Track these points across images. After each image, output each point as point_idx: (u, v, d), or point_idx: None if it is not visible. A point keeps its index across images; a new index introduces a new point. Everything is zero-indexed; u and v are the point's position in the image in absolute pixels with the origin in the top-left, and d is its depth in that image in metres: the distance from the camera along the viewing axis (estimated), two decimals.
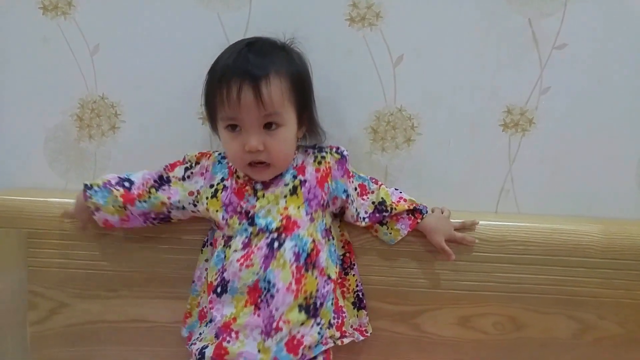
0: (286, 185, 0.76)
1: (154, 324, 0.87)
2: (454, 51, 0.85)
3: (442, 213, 0.83)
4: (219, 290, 0.74)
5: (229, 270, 0.74)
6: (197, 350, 0.75)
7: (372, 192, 0.81)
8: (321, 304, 0.74)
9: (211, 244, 0.82)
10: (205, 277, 0.80)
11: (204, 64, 0.86)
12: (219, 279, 0.75)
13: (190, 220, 0.83)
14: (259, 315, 0.72)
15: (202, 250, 0.84)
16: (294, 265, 0.72)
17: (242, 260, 0.73)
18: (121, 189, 0.79)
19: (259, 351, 0.72)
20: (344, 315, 0.79)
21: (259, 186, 0.76)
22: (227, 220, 0.76)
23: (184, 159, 0.81)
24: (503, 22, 0.84)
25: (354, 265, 0.83)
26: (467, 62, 0.85)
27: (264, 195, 0.76)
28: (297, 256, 0.73)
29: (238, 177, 0.78)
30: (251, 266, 0.73)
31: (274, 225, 0.74)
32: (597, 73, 0.85)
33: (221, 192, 0.77)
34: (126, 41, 0.87)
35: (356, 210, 0.80)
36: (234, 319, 0.73)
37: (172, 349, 0.88)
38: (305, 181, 0.76)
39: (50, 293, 0.87)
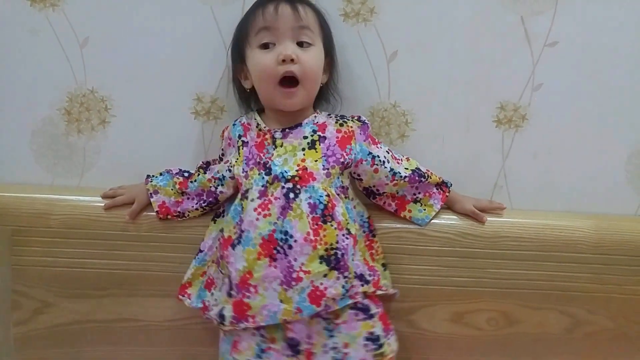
0: (305, 138, 0.77)
1: (144, 323, 0.86)
2: (448, 48, 0.86)
3: None
4: (235, 242, 0.74)
5: (245, 220, 0.74)
6: (215, 315, 0.76)
7: (403, 160, 0.83)
8: (342, 256, 0.73)
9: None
10: (217, 246, 0.79)
11: (197, 57, 0.86)
12: (237, 232, 0.74)
13: (182, 219, 0.83)
14: (275, 267, 0.72)
15: (214, 220, 0.83)
16: (310, 217, 0.72)
17: (259, 209, 0.73)
18: (180, 178, 0.83)
19: (281, 301, 0.72)
20: (378, 273, 0.79)
21: (278, 134, 0.77)
22: (247, 172, 0.76)
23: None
24: (496, 20, 0.85)
25: (376, 232, 0.83)
26: (460, 59, 0.86)
27: (282, 145, 0.77)
28: (313, 208, 0.73)
29: (258, 127, 0.79)
30: (268, 215, 0.73)
31: (290, 174, 0.74)
32: (587, 70, 0.86)
33: (242, 148, 0.78)
34: (117, 34, 0.85)
35: (391, 169, 0.80)
36: (250, 273, 0.72)
37: (163, 349, 0.86)
38: (324, 137, 0.77)
39: (35, 292, 0.84)
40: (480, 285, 0.85)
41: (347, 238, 0.74)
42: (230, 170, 0.79)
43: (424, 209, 0.84)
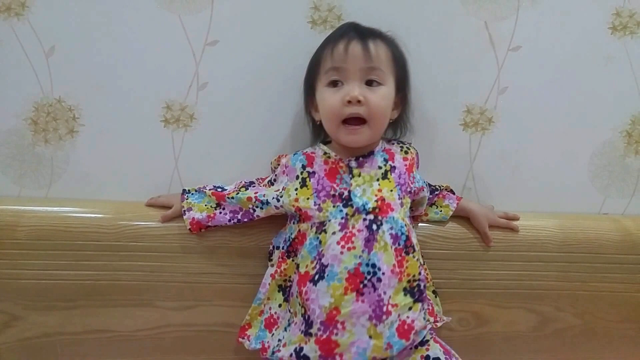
0: (380, 168, 0.77)
1: (115, 333, 0.84)
2: (414, 53, 0.87)
3: None
4: (316, 278, 0.71)
5: (327, 254, 0.71)
6: (289, 355, 0.72)
7: None
8: (424, 287, 0.73)
9: (277, 248, 0.80)
10: (270, 283, 0.78)
11: (166, 65, 0.86)
12: (317, 267, 0.72)
13: (151, 225, 0.82)
14: (363, 302, 0.69)
15: (270, 259, 0.82)
16: (394, 248, 0.71)
17: (342, 242, 0.71)
18: (216, 193, 0.82)
19: (370, 337, 0.69)
20: (430, 302, 0.79)
21: (353, 164, 0.76)
22: (319, 205, 0.74)
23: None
24: (460, 25, 0.87)
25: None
26: (426, 63, 0.87)
27: (359, 175, 0.76)
28: (396, 239, 0.72)
29: (328, 156, 0.78)
30: (353, 249, 0.71)
31: (370, 206, 0.73)
32: (550, 73, 0.89)
33: (310, 179, 0.76)
34: (84, 43, 0.85)
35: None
36: (337, 309, 0.69)
37: (135, 359, 0.85)
38: (395, 167, 0.77)
39: (2, 306, 0.82)
40: (451, 287, 0.86)
41: (422, 268, 0.74)
42: (278, 200, 0.77)
43: (440, 210, 0.86)
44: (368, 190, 0.74)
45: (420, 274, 0.73)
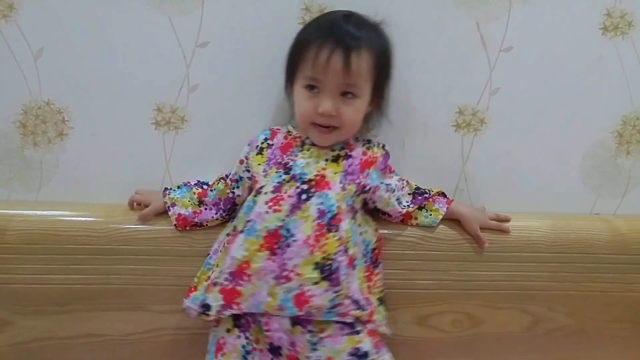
0: (332, 150, 0.79)
1: (106, 338, 0.84)
2: (405, 54, 0.86)
3: None
4: (239, 232, 0.74)
5: (254, 211, 0.74)
6: (197, 306, 0.75)
7: (405, 186, 0.86)
8: (337, 269, 0.73)
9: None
10: (222, 249, 0.79)
11: (156, 67, 0.85)
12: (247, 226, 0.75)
13: (142, 228, 0.82)
14: (273, 261, 0.72)
15: (225, 226, 0.83)
16: (316, 222, 0.73)
17: (270, 203, 0.74)
18: (199, 188, 0.85)
19: (268, 294, 0.72)
20: (371, 305, 0.78)
21: (308, 140, 0.80)
22: (266, 171, 0.77)
23: None
24: (452, 26, 0.87)
25: (379, 263, 0.83)
26: (418, 64, 0.87)
27: (309, 149, 0.79)
28: (322, 214, 0.74)
29: (290, 133, 0.82)
30: (278, 212, 0.73)
31: (308, 177, 0.76)
32: (542, 74, 0.89)
33: (266, 150, 0.80)
34: (73, 45, 0.84)
35: (397, 199, 0.83)
36: (247, 263, 0.72)
37: None
38: (350, 156, 0.79)
39: None
40: (443, 288, 0.87)
41: (342, 254, 0.74)
42: (248, 171, 0.80)
43: (430, 214, 0.85)
44: (312, 165, 0.77)
45: (337, 253, 0.73)
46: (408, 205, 0.84)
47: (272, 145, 0.80)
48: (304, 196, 0.74)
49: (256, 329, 0.75)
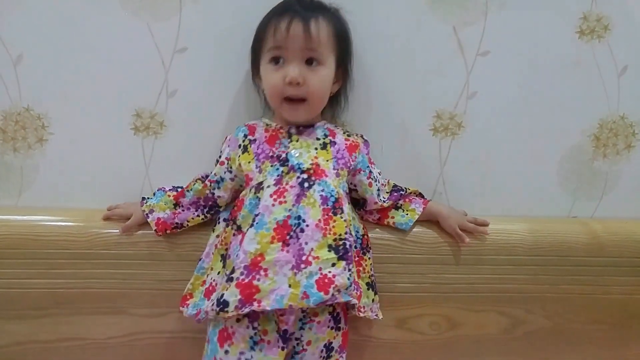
0: (318, 139, 0.80)
1: (87, 341, 0.85)
2: (383, 58, 0.87)
3: None
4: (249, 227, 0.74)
5: (261, 205, 0.74)
6: (213, 304, 0.73)
7: (386, 183, 0.87)
8: (350, 247, 0.74)
9: (224, 220, 0.82)
10: (214, 251, 0.80)
11: (135, 73, 0.86)
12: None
13: (123, 234, 0.83)
14: (287, 252, 0.72)
15: (213, 229, 0.83)
16: (322, 207, 0.74)
17: (275, 195, 0.75)
18: (174, 192, 0.85)
19: (289, 286, 0.71)
20: (360, 290, 0.79)
21: (293, 130, 0.81)
22: (260, 167, 0.78)
23: None
24: (429, 30, 0.87)
25: (369, 249, 0.84)
26: (395, 69, 0.88)
27: (298, 140, 0.80)
28: (325, 200, 0.75)
29: (269, 126, 0.82)
30: (284, 203, 0.74)
31: (305, 166, 0.77)
32: (518, 78, 0.90)
33: (250, 146, 0.80)
34: (52, 51, 0.84)
35: (378, 190, 0.84)
36: (262, 256, 0.72)
37: None
38: (335, 142, 0.81)
39: None
40: (422, 291, 0.87)
41: (350, 236, 0.75)
42: (231, 171, 0.80)
43: (406, 214, 0.86)
44: (305, 155, 0.78)
45: (346, 233, 0.74)
46: (384, 201, 0.84)
47: (255, 140, 0.80)
48: (306, 184, 0.75)
49: (265, 320, 0.74)
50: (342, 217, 0.74)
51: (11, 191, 0.88)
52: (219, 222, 0.83)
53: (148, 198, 0.85)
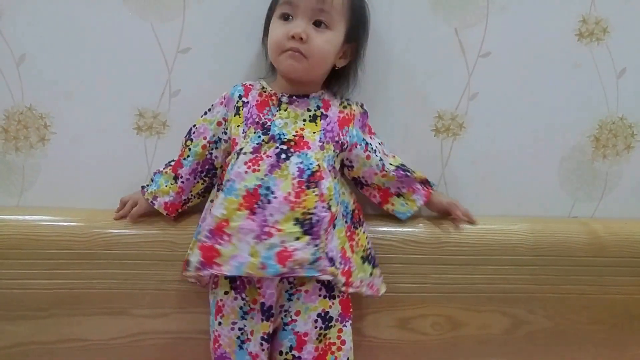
0: (308, 110, 0.79)
1: (88, 342, 0.84)
2: (385, 59, 0.88)
3: None
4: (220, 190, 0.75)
5: (233, 171, 0.74)
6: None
7: (390, 156, 0.86)
8: (317, 222, 0.73)
9: (217, 185, 0.82)
10: (207, 215, 0.79)
11: (138, 72, 0.86)
12: None
13: (124, 233, 0.82)
14: (253, 220, 0.72)
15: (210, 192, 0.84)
16: (296, 180, 0.73)
17: (249, 163, 0.74)
18: (169, 166, 0.83)
19: (250, 255, 0.71)
20: (350, 265, 0.79)
21: (284, 99, 0.79)
22: (245, 132, 0.77)
23: None
24: (430, 32, 0.88)
25: (363, 222, 0.84)
26: (397, 70, 0.88)
27: (286, 109, 0.78)
28: (301, 172, 0.74)
29: (264, 90, 0.80)
30: (257, 171, 0.73)
31: (287, 137, 0.76)
32: (519, 79, 0.90)
33: (242, 108, 0.79)
34: (55, 50, 0.84)
35: (381, 160, 0.83)
36: (227, 221, 0.72)
37: None
38: (326, 115, 0.79)
39: None
40: (424, 291, 0.87)
41: (325, 211, 0.74)
42: (226, 133, 0.79)
43: (406, 203, 0.86)
44: (290, 126, 0.77)
45: (315, 208, 0.73)
46: (390, 171, 0.83)
47: (247, 103, 0.79)
48: (282, 156, 0.74)
49: (251, 290, 0.75)
50: (314, 192, 0.74)
51: (13, 191, 0.88)
52: (214, 189, 0.83)
53: (147, 185, 0.84)
